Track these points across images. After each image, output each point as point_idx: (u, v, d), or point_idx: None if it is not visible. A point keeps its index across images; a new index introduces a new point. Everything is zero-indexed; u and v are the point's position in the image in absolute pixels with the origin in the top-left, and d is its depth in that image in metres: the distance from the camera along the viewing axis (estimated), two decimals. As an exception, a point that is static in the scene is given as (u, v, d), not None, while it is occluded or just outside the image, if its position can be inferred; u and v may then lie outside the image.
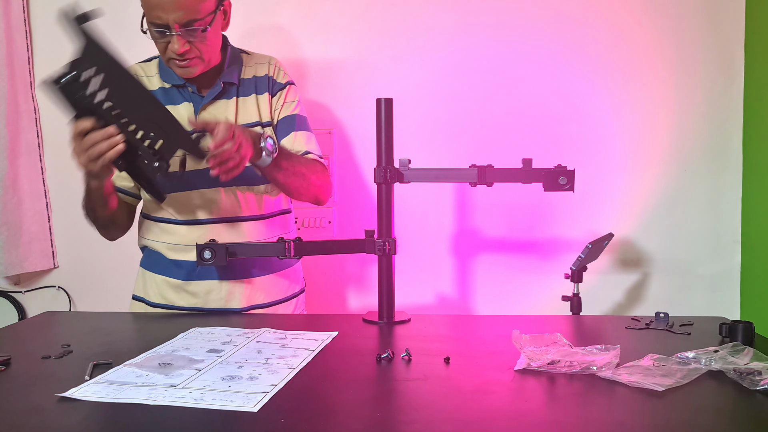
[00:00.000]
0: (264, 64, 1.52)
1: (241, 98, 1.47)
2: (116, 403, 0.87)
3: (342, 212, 2.12)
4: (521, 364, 1.00)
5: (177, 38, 1.32)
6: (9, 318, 2.18)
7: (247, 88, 1.48)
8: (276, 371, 1.00)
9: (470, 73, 2.06)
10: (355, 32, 2.08)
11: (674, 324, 1.27)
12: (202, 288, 1.46)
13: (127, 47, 1.39)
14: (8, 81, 2.05)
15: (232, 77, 1.46)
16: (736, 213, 2.05)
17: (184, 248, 1.45)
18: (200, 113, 1.44)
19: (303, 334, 1.22)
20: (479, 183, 1.34)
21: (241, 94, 1.48)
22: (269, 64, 1.52)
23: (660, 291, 2.08)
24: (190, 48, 1.35)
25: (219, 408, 0.85)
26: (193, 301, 1.47)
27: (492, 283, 2.11)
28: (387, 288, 1.37)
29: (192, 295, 1.47)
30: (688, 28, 2.01)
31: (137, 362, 1.04)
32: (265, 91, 1.49)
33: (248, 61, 1.51)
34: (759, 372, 0.93)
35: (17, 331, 1.35)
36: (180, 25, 1.31)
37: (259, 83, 1.49)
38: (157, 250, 1.50)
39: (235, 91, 1.47)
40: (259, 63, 1.52)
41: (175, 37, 1.32)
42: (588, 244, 1.61)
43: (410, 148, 1.88)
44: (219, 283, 1.46)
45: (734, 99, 2.02)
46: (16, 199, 2.09)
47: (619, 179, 2.06)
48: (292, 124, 1.50)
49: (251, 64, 1.51)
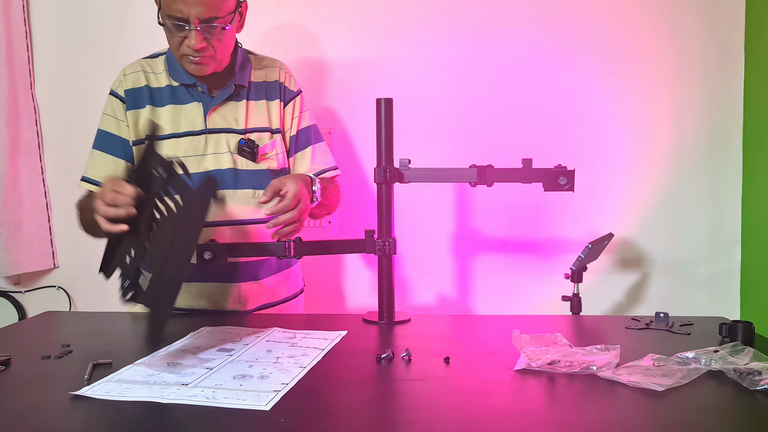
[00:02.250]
0: (274, 69, 1.51)
1: (251, 101, 1.47)
2: (119, 402, 0.87)
3: (342, 212, 2.11)
4: (521, 364, 1.00)
5: (195, 33, 1.31)
6: (9, 318, 2.18)
7: (257, 92, 1.48)
8: (287, 370, 1.00)
9: (470, 73, 2.06)
10: (355, 32, 2.08)
11: (674, 324, 1.27)
12: (205, 290, 1.45)
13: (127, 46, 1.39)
14: (8, 81, 2.05)
15: (243, 80, 1.46)
16: (736, 213, 2.05)
17: None
18: (210, 114, 1.44)
19: (312, 333, 1.23)
20: (479, 183, 1.34)
21: (252, 97, 1.47)
22: (280, 69, 1.51)
23: (660, 291, 2.08)
24: (207, 45, 1.34)
25: (231, 406, 0.85)
26: (195, 303, 1.46)
27: (492, 283, 2.11)
28: (387, 288, 1.38)
29: (195, 297, 1.46)
30: (687, 27, 2.01)
31: (147, 361, 1.04)
32: (276, 97, 1.48)
33: (256, 64, 1.51)
34: (759, 372, 0.93)
35: (17, 331, 1.35)
36: (200, 20, 1.30)
37: (270, 89, 1.49)
38: None
39: (245, 93, 1.46)
40: (269, 67, 1.51)
41: (193, 32, 1.31)
42: (588, 244, 1.61)
43: (410, 148, 1.88)
44: (222, 285, 1.45)
45: (734, 99, 2.02)
46: (16, 199, 2.09)
47: (619, 179, 2.06)
48: (309, 136, 1.52)
49: (260, 67, 1.50)
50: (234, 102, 1.45)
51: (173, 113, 1.43)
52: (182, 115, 1.43)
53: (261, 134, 1.46)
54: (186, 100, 1.43)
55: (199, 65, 1.36)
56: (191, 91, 1.44)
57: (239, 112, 1.45)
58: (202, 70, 1.37)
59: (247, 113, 1.45)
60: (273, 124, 1.48)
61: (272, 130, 1.47)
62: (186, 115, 1.43)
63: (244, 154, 1.42)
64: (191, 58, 1.35)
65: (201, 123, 1.43)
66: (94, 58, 2.11)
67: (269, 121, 1.47)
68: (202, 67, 1.37)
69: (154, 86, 1.45)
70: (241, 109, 1.45)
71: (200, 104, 1.43)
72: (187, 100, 1.44)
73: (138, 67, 1.46)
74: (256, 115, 1.46)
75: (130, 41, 2.06)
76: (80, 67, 2.12)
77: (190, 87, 1.44)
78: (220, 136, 1.43)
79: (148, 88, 1.44)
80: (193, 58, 1.35)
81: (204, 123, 1.43)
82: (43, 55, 2.14)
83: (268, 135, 1.46)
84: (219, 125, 1.43)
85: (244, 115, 1.45)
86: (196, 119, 1.43)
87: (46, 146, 2.17)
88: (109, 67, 2.10)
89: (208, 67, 1.37)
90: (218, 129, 1.43)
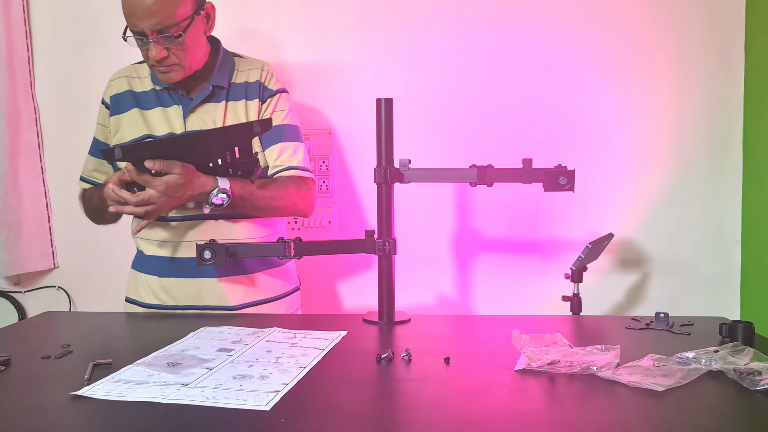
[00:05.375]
0: (256, 70, 1.50)
1: (230, 102, 1.46)
2: (119, 403, 0.87)
3: (342, 212, 2.12)
4: (521, 364, 1.00)
5: (153, 45, 1.33)
6: (9, 318, 2.18)
7: (237, 93, 1.47)
8: (287, 370, 1.00)
9: (470, 73, 2.06)
10: (355, 32, 2.08)
11: (674, 324, 1.27)
12: (194, 285, 1.45)
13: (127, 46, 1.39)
14: (8, 81, 2.05)
15: (222, 81, 1.46)
16: (736, 213, 2.05)
17: (175, 245, 1.45)
18: (189, 116, 1.44)
19: (312, 334, 1.22)
20: (479, 183, 1.34)
21: (231, 98, 1.47)
22: (261, 69, 1.50)
23: (660, 291, 2.08)
24: (168, 55, 1.35)
25: (231, 407, 0.85)
26: (185, 299, 1.46)
27: (492, 283, 2.11)
28: (387, 288, 1.37)
29: (184, 293, 1.46)
30: (688, 27, 2.01)
31: (148, 361, 1.04)
32: (255, 97, 1.48)
33: (241, 66, 1.50)
34: (759, 372, 0.93)
35: (17, 331, 1.35)
36: (155, 32, 1.32)
37: (250, 89, 1.48)
38: (147, 248, 1.50)
39: (224, 95, 1.46)
40: (252, 68, 1.50)
41: (151, 44, 1.33)
42: (588, 244, 1.61)
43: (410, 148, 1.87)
44: (211, 280, 1.45)
45: (734, 99, 2.02)
46: (16, 199, 2.09)
47: (620, 179, 2.06)
48: (279, 134, 1.48)
49: (243, 69, 1.50)
50: (213, 104, 1.45)
51: (160, 115, 1.45)
52: (165, 117, 1.45)
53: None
54: (168, 104, 1.46)
55: (166, 74, 1.39)
56: (172, 94, 1.46)
57: (217, 114, 1.45)
58: (169, 78, 1.40)
59: (225, 114, 1.45)
60: None
61: None
62: (167, 118, 1.45)
63: None
64: (158, 68, 1.38)
65: (180, 125, 1.44)
66: (94, 58, 2.10)
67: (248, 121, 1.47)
68: (169, 75, 1.39)
69: (138, 90, 1.48)
70: (219, 110, 1.45)
71: (180, 107, 1.45)
72: (169, 103, 1.46)
73: (123, 73, 1.52)
74: (234, 116, 1.46)
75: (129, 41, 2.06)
76: (80, 67, 2.12)
77: (171, 90, 1.45)
78: None
79: (132, 92, 1.48)
80: (159, 67, 1.38)
81: (183, 125, 1.44)
82: (43, 55, 2.14)
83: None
84: (197, 127, 1.44)
85: (222, 116, 1.45)
86: (176, 121, 1.45)
87: (46, 146, 2.17)
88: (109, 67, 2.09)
89: (175, 75, 1.39)
90: (196, 131, 1.43)
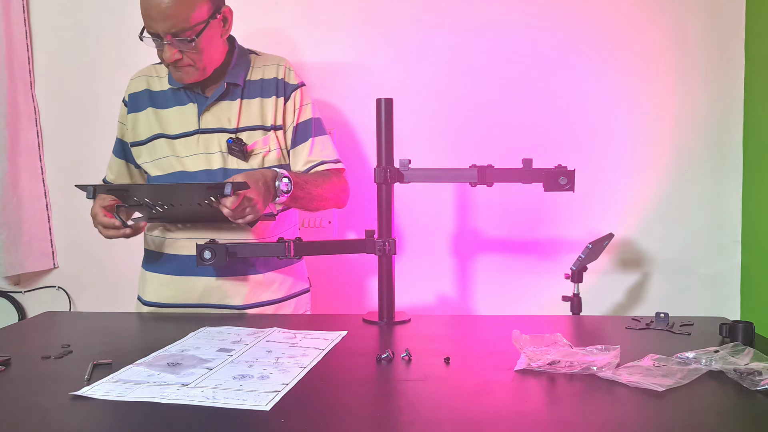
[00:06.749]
0: (273, 66, 1.50)
1: (245, 100, 1.47)
2: (119, 403, 0.87)
3: (342, 212, 2.11)
4: (521, 365, 1.00)
5: (167, 47, 1.35)
6: (9, 318, 2.18)
7: (252, 91, 1.47)
8: (287, 370, 1.00)
9: (470, 73, 2.06)
10: (355, 32, 2.08)
11: (674, 324, 1.27)
12: (199, 284, 1.45)
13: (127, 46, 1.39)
14: (8, 81, 2.05)
15: (237, 78, 1.46)
16: (736, 213, 2.05)
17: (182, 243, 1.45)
18: (203, 114, 1.45)
19: (312, 334, 1.22)
20: (479, 183, 1.34)
21: (246, 96, 1.47)
22: (278, 66, 1.50)
23: (660, 291, 2.08)
24: (182, 56, 1.36)
25: (231, 407, 0.85)
26: (189, 297, 1.46)
27: (492, 283, 2.11)
28: (387, 288, 1.38)
29: (188, 291, 1.46)
30: (688, 28, 2.01)
31: (148, 361, 1.04)
32: (272, 94, 1.48)
33: (256, 63, 1.51)
34: (759, 372, 0.93)
35: (17, 331, 1.35)
36: (170, 34, 1.33)
37: (266, 86, 1.48)
38: (154, 246, 1.50)
39: (239, 92, 1.46)
40: (268, 65, 1.50)
41: (166, 46, 1.35)
42: (588, 244, 1.61)
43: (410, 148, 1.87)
44: (216, 279, 1.45)
45: (734, 99, 2.02)
46: (16, 199, 2.09)
47: (620, 179, 2.06)
48: (309, 129, 1.50)
49: (259, 66, 1.50)
50: (228, 101, 1.46)
51: (176, 114, 1.46)
52: (181, 116, 1.46)
53: (252, 132, 1.45)
54: (184, 102, 1.47)
55: (180, 74, 1.40)
56: (188, 93, 1.47)
57: (232, 112, 1.45)
58: (183, 79, 1.41)
59: (240, 112, 1.46)
60: (267, 122, 1.47)
61: (266, 127, 1.46)
62: (183, 116, 1.46)
63: (234, 153, 1.43)
64: (172, 68, 1.40)
65: (195, 123, 1.45)
66: (94, 58, 2.11)
67: (262, 119, 1.47)
68: (182, 75, 1.40)
69: (156, 89, 1.49)
70: (234, 108, 1.46)
71: (195, 105, 1.46)
72: (185, 101, 1.47)
73: (143, 72, 1.53)
74: (248, 114, 1.46)
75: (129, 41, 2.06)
76: (80, 67, 2.12)
77: (187, 89, 1.46)
78: (212, 136, 1.44)
79: (149, 91, 1.49)
80: (173, 67, 1.39)
81: (197, 123, 1.44)
82: (43, 55, 2.14)
83: (261, 132, 1.46)
84: (211, 125, 1.45)
85: (236, 114, 1.45)
86: (191, 120, 1.45)
87: (46, 146, 2.17)
88: (109, 67, 2.11)
89: (190, 76, 1.40)
90: (210, 129, 1.45)
